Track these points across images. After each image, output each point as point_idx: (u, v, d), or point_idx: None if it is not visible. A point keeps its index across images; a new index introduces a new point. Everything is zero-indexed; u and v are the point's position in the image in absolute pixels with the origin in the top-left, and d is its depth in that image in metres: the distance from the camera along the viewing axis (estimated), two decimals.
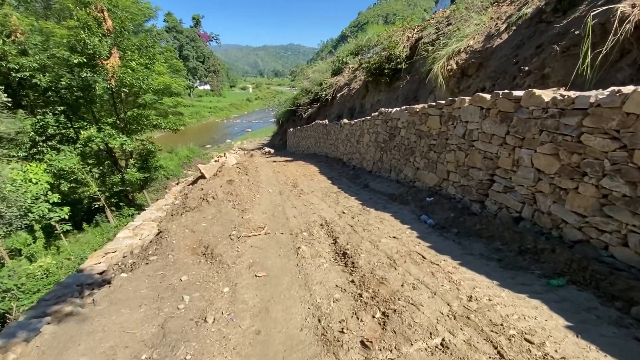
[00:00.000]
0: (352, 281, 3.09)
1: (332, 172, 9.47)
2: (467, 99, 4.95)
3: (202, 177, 11.23)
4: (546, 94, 3.69)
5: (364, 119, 9.12)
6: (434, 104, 5.78)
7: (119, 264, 4.78)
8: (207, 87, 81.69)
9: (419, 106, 6.35)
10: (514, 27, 6.93)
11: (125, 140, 14.59)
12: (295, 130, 19.28)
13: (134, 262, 4.36)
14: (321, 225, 4.72)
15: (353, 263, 3.41)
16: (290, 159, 13.95)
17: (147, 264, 4.08)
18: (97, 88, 14.10)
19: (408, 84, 9.51)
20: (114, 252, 5.42)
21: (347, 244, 3.91)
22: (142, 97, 14.21)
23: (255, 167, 10.34)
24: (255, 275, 3.33)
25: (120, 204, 16.62)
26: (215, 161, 17.78)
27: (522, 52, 6.16)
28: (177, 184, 20.91)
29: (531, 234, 3.48)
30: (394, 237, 4.01)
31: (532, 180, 3.74)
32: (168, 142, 36.90)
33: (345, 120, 10.64)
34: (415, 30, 10.57)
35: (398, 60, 10.10)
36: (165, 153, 30.87)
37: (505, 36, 6.99)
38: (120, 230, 6.86)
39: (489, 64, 6.93)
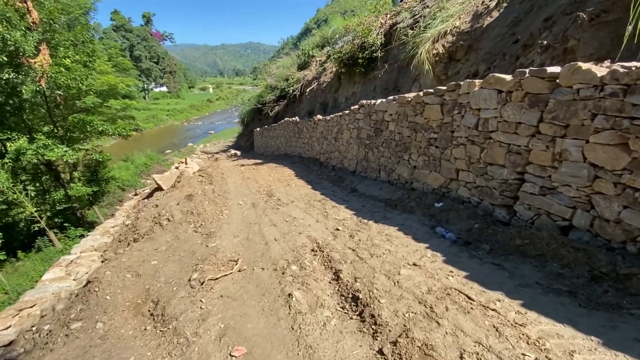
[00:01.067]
0: (381, 352, 2.02)
1: (311, 174, 8.34)
2: (478, 81, 4.04)
3: (159, 188, 9.63)
4: (598, 69, 2.84)
5: (341, 113, 8.07)
6: (431, 90, 4.84)
7: (34, 329, 3.35)
8: (164, 88, 76.71)
9: (411, 95, 5.40)
10: (504, 4, 6.20)
11: (66, 151, 12.43)
12: (263, 130, 17.90)
13: (50, 332, 2.99)
14: (313, 250, 3.60)
15: (372, 316, 2.33)
16: (260, 161, 12.62)
17: (66, 335, 2.74)
18: (23, 91, 11.80)
19: (386, 73, 8.59)
20: (31, 306, 3.94)
21: (355, 280, 2.83)
22: (82, 100, 12.10)
23: (221, 174, 8.95)
24: (231, 355, 2.15)
25: (65, 224, 14.33)
26: (176, 168, 16.08)
27: (522, 29, 5.41)
28: (135, 194, 18.74)
29: (601, 252, 2.61)
30: (415, 265, 2.99)
31: (585, 179, 2.87)
32: (123, 149, 33.70)
33: (319, 117, 9.55)
34: (389, 15, 9.68)
35: (372, 48, 9.15)
36: (120, 162, 28.05)
37: (495, 14, 6.25)
38: (48, 269, 5.26)
39: (480, 46, 6.15)
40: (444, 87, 4.58)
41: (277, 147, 15.14)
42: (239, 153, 20.41)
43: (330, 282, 2.96)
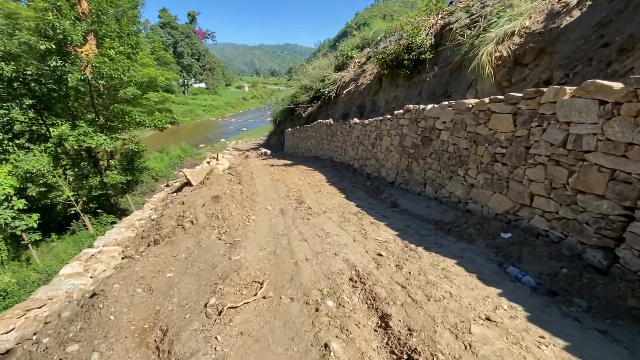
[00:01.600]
0: None
1: (343, 181, 7.74)
2: (569, 88, 3.24)
3: (188, 183, 9.42)
4: None
5: (381, 118, 7.40)
6: (501, 97, 4.07)
7: (34, 339, 2.99)
8: (203, 85, 79.28)
9: (472, 101, 4.64)
10: (588, 2, 5.27)
11: (105, 140, 12.67)
12: (294, 131, 17.52)
13: (47, 349, 2.59)
14: (352, 280, 2.98)
15: None
16: (290, 162, 12.19)
17: None
18: (69, 79, 12.15)
19: (435, 77, 7.81)
20: (40, 306, 3.63)
21: (410, 332, 2.18)
22: (122, 91, 12.29)
23: (250, 173, 8.57)
24: None
25: (98, 210, 14.68)
26: (207, 163, 16.09)
27: (614, 30, 4.50)
28: (167, 185, 19.05)
29: None
30: (489, 320, 2.29)
31: None
32: (160, 141, 34.90)
33: (356, 120, 8.92)
34: (440, 15, 8.88)
35: (421, 49, 8.38)
36: (156, 153, 28.96)
37: (576, 13, 5.33)
38: (66, 264, 5.03)
39: (556, 49, 5.25)
40: (519, 94, 3.79)
41: (307, 149, 14.67)
42: (269, 152, 20.21)
43: (376, 330, 2.33)
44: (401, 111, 6.57)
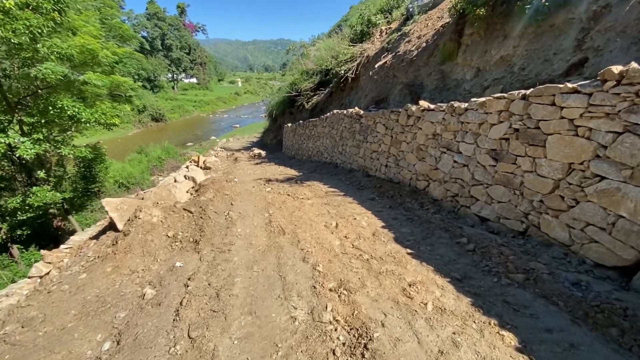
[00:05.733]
0: None
1: (428, 233, 3.38)
2: None
3: (113, 226, 5.00)
4: None
5: (521, 94, 3.10)
6: None
7: None
8: (194, 80, 73.76)
9: None
10: None
11: (24, 144, 8.18)
12: (296, 127, 13.09)
13: None
14: None
15: None
16: (295, 173, 7.81)
17: None
18: None
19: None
20: None
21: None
22: (37, 69, 7.75)
23: (229, 205, 4.17)
24: None
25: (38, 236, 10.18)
26: (187, 167, 11.85)
27: None
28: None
29: None
30: None
31: None
32: (144, 140, 30.14)
33: (426, 105, 4.58)
34: None
35: None
36: (134, 154, 24.25)
37: None
38: None
39: None
40: None
41: (316, 151, 10.28)
42: (263, 153, 15.76)
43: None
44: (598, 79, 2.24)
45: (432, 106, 4.38)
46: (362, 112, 6.82)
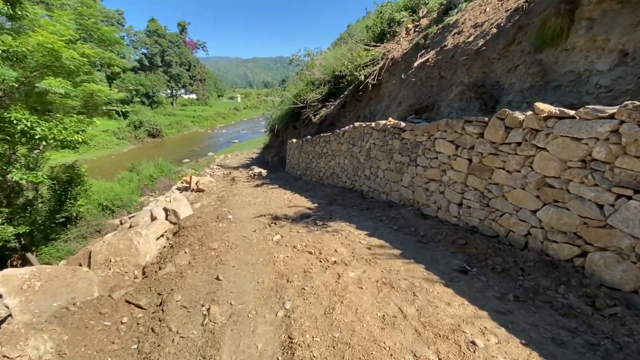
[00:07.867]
0: None
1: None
2: None
3: None
4: None
5: None
6: None
7: None
8: (193, 96, 72.69)
9: None
10: None
11: None
12: (303, 143, 11.21)
13: None
14: None
15: None
16: (309, 204, 5.82)
17: None
18: None
19: None
20: None
21: None
22: None
23: (214, 275, 2.33)
24: None
25: None
26: (178, 188, 10.02)
27: None
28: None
29: None
30: None
31: None
32: (139, 156, 28.20)
33: (562, 111, 2.70)
34: None
35: None
36: (124, 172, 22.19)
37: None
38: None
39: None
40: None
41: (330, 173, 8.34)
42: (264, 172, 13.82)
43: None
44: None
45: (570, 112, 2.46)
46: (402, 123, 4.92)
